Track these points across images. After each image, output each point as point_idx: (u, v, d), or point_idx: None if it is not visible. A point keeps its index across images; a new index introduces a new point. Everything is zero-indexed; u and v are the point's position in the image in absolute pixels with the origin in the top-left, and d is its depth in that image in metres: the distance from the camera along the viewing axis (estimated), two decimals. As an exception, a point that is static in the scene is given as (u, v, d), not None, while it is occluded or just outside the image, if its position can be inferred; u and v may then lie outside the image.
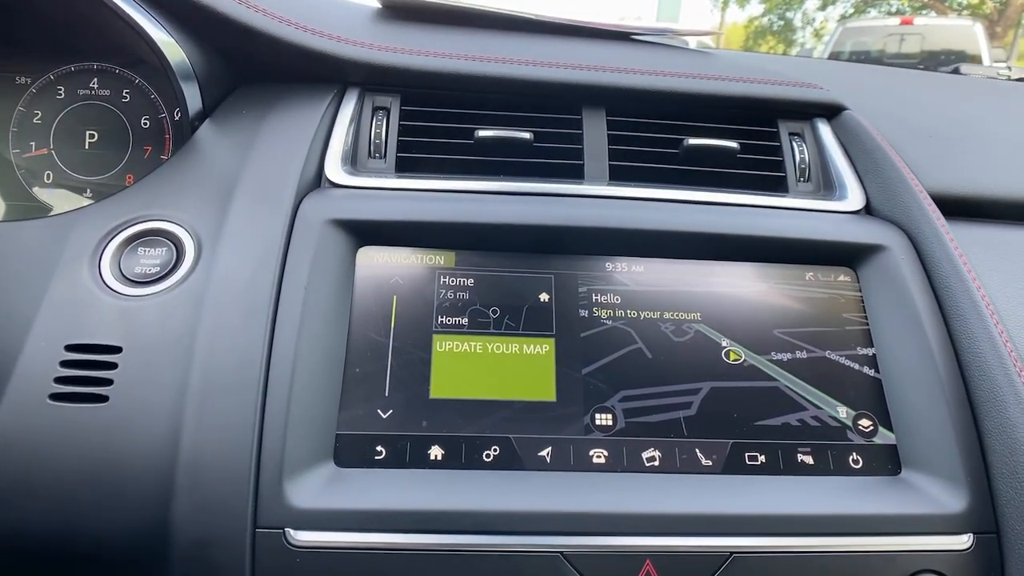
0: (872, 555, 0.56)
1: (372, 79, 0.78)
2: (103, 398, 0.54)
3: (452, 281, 0.66)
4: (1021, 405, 0.59)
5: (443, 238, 0.67)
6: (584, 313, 0.66)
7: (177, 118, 0.83)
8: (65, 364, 0.55)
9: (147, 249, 0.62)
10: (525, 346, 0.64)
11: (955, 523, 0.58)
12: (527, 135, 0.76)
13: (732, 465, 0.61)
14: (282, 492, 0.53)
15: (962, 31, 7.48)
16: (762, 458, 0.62)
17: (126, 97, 0.83)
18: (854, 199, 0.78)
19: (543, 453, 0.60)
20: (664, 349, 0.65)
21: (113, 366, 0.55)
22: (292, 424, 0.55)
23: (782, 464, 0.62)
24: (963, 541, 0.58)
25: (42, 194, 0.82)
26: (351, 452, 0.58)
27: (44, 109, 0.83)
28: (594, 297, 0.67)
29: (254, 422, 0.54)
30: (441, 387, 0.61)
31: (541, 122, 0.78)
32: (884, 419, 0.64)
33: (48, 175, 0.82)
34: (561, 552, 0.54)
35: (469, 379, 0.62)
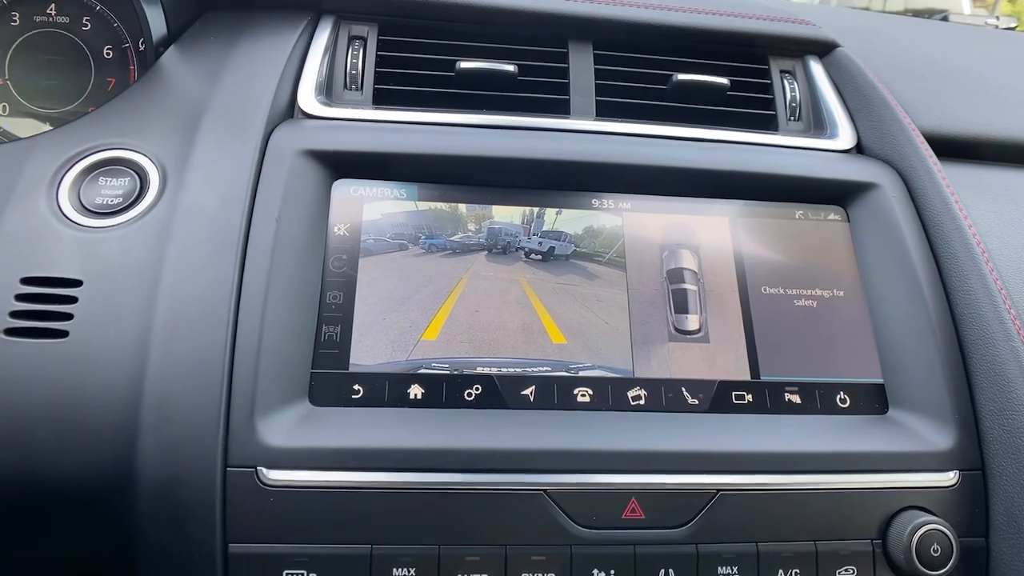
0: (858, 492, 0.56)
1: (348, 6, 0.74)
2: (63, 333, 0.51)
3: (433, 215, 0.63)
4: (1010, 343, 0.59)
5: (424, 171, 0.64)
6: (571, 249, 0.64)
7: (142, 48, 0.78)
8: (21, 298, 0.52)
9: (108, 179, 0.58)
10: (509, 282, 0.62)
11: (941, 460, 0.57)
12: (511, 68, 0.72)
13: (718, 404, 0.60)
14: (254, 430, 0.51)
15: (947, -10, 7.44)
16: (749, 397, 0.61)
17: (87, 25, 0.78)
18: (845, 138, 0.76)
19: (526, 392, 0.58)
20: (651, 285, 0.63)
21: (73, 300, 0.52)
22: (264, 361, 0.53)
23: (769, 403, 0.61)
24: (949, 478, 0.57)
25: (1, 122, 0.78)
26: (327, 391, 0.56)
27: (-3, 36, 0.78)
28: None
29: (223, 358, 0.52)
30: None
31: (525, 55, 0.75)
32: (872, 358, 0.63)
33: (4, 107, 0.78)
34: (545, 490, 0.52)
35: (451, 317, 0.60)
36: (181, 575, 0.49)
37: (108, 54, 0.79)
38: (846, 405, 0.62)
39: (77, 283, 0.53)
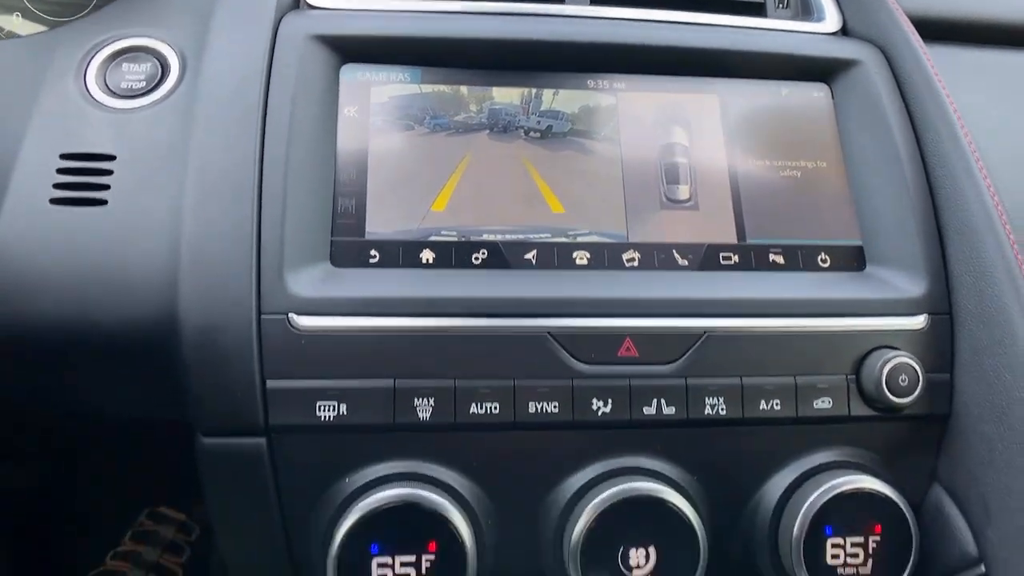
0: (835, 334, 0.61)
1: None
2: (102, 202, 0.56)
3: (437, 97, 0.67)
4: (981, 199, 0.63)
5: (426, 54, 0.67)
6: (568, 127, 0.68)
7: (147, -47, 0.81)
8: (62, 171, 0.57)
9: (131, 64, 0.62)
10: (510, 158, 0.66)
11: (912, 305, 0.62)
12: (506, -42, 0.75)
13: (707, 264, 0.65)
14: (283, 282, 0.56)
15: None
16: (735, 258, 0.65)
17: (92, -69, 0.81)
18: (831, 21, 0.79)
19: (529, 256, 0.63)
20: (644, 159, 0.67)
21: (108, 172, 0.57)
22: (288, 226, 0.57)
23: (754, 263, 0.65)
24: (919, 321, 0.62)
25: (14, 27, 0.81)
26: (346, 255, 0.61)
27: (7, -54, 0.80)
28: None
29: (252, 222, 0.56)
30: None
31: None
32: (852, 223, 0.68)
33: (17, 15, 0.81)
34: (548, 331, 0.58)
35: (458, 190, 0.64)
36: (226, 410, 0.55)
37: (115, -40, 0.81)
38: (826, 264, 0.66)
39: (111, 157, 0.58)
